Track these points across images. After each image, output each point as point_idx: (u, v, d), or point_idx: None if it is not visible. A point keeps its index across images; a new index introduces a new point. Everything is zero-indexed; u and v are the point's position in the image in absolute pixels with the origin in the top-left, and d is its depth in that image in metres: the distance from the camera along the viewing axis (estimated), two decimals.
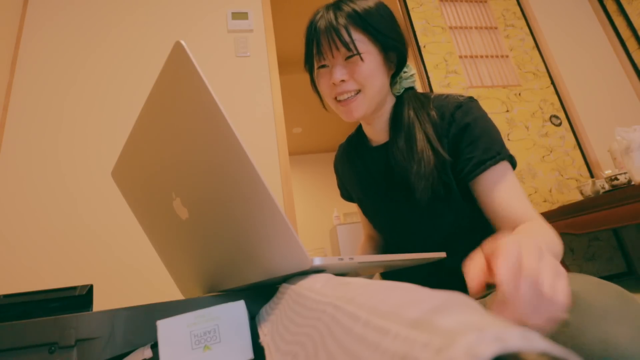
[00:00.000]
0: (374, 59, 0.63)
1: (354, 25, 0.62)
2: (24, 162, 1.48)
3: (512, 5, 2.46)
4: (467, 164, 0.60)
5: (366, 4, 0.64)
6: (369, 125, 0.73)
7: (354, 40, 0.61)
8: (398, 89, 0.71)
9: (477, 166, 0.59)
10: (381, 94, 0.67)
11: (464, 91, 2.14)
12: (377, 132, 0.73)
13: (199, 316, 0.30)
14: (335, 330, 0.17)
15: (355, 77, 0.63)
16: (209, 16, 1.83)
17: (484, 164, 0.59)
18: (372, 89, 0.64)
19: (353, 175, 0.81)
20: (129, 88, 1.65)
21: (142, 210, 0.53)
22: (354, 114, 0.65)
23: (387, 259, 0.42)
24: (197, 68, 0.31)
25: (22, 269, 1.33)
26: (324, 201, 5.16)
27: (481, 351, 0.08)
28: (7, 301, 0.42)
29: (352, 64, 0.62)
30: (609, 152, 1.83)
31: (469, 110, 0.62)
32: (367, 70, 0.62)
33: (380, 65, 0.64)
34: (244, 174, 0.32)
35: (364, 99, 0.64)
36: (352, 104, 0.64)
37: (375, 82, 0.64)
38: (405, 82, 0.70)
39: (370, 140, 0.76)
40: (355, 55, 0.61)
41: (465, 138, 0.60)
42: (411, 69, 0.71)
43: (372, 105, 0.66)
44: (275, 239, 0.33)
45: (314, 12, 0.67)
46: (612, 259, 2.01)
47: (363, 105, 0.64)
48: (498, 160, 0.59)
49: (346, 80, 0.63)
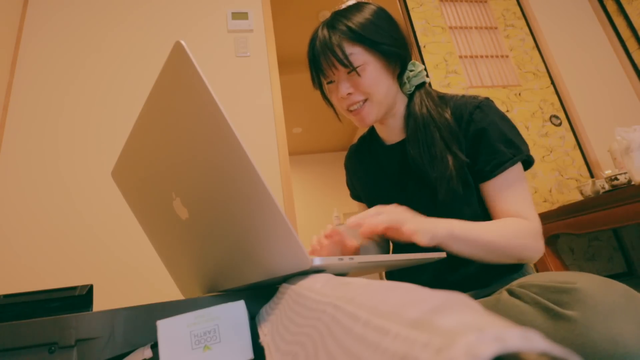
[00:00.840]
0: (374, 68, 0.65)
1: (349, 40, 0.64)
2: (24, 162, 1.48)
3: (512, 5, 2.46)
4: (486, 166, 0.63)
5: (360, 16, 0.65)
6: (383, 125, 0.75)
7: (348, 56, 0.63)
8: (409, 88, 0.71)
9: (495, 167, 0.62)
10: (389, 97, 0.68)
11: (463, 91, 2.14)
12: (391, 132, 0.75)
13: (199, 316, 0.30)
14: (335, 330, 0.17)
15: (360, 89, 0.66)
16: (209, 16, 1.83)
17: (502, 165, 0.62)
18: (378, 96, 0.66)
19: (365, 175, 0.82)
20: (129, 88, 1.65)
21: (142, 210, 0.53)
22: (366, 120, 0.68)
23: (387, 259, 0.42)
24: (197, 68, 0.31)
25: (22, 269, 1.33)
26: (324, 201, 5.16)
27: (481, 351, 0.08)
28: (7, 301, 0.42)
29: (354, 77, 0.65)
30: (609, 152, 1.83)
31: (488, 111, 0.64)
32: (369, 80, 0.65)
33: (383, 71, 0.66)
34: (244, 174, 0.32)
35: (372, 106, 0.67)
36: (363, 112, 0.67)
37: (380, 89, 0.66)
38: (414, 80, 0.71)
39: (384, 140, 0.78)
40: (357, 67, 0.64)
41: (484, 140, 0.63)
42: (418, 66, 0.71)
43: (382, 110, 0.69)
44: (275, 239, 0.33)
45: (313, 31, 0.69)
46: (612, 259, 2.01)
47: (373, 112, 0.67)
48: (514, 162, 0.62)
49: (352, 93, 0.66)
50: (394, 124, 0.74)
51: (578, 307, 0.37)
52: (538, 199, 1.99)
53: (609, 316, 0.36)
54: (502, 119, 0.65)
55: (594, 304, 0.37)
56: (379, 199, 0.79)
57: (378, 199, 0.79)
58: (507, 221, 0.60)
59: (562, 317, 0.38)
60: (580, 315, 0.37)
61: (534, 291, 0.43)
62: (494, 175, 0.62)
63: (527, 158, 0.64)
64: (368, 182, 0.81)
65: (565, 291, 0.40)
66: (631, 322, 0.35)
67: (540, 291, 0.42)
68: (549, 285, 0.42)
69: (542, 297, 0.42)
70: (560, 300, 0.40)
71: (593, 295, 0.38)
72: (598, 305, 0.37)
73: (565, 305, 0.39)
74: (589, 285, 0.39)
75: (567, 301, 0.39)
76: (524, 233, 0.58)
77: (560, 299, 0.40)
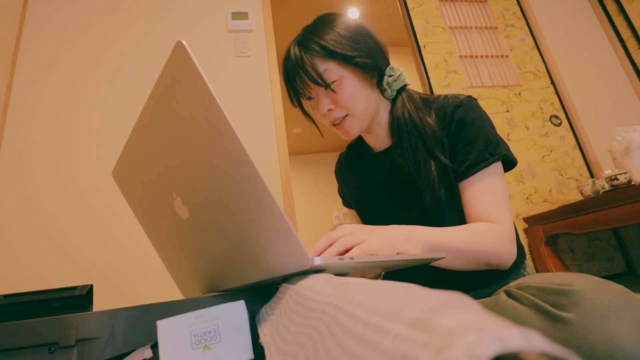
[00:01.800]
0: (350, 81, 0.64)
1: (321, 57, 0.63)
2: (24, 162, 1.48)
3: (512, 5, 2.46)
4: (462, 165, 0.62)
5: (332, 32, 0.64)
6: (370, 134, 0.75)
7: (322, 73, 0.62)
8: (390, 93, 0.70)
9: (470, 167, 0.61)
10: (369, 108, 0.67)
11: (463, 91, 2.13)
12: (378, 139, 0.74)
13: (199, 316, 0.30)
14: (335, 330, 0.17)
15: (339, 104, 0.65)
16: (209, 16, 1.83)
17: (477, 165, 0.60)
18: (359, 109, 0.66)
19: (355, 182, 0.81)
20: (129, 88, 1.65)
21: (142, 210, 0.53)
22: (350, 134, 0.68)
23: (387, 259, 0.42)
24: (199, 68, 0.31)
25: (22, 269, 1.33)
26: (324, 201, 5.15)
27: (481, 351, 0.08)
28: (7, 301, 0.42)
29: (331, 93, 0.64)
30: (609, 152, 1.83)
31: (468, 110, 0.64)
32: (347, 95, 0.64)
33: (360, 83, 0.65)
34: (245, 174, 0.32)
35: (353, 120, 0.67)
36: (345, 126, 0.67)
37: (359, 103, 0.65)
38: (395, 85, 0.69)
39: (372, 147, 0.77)
40: (332, 83, 0.63)
41: (462, 138, 0.62)
42: (397, 70, 0.69)
43: (365, 121, 0.68)
44: (275, 239, 0.33)
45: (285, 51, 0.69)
46: (612, 259, 2.01)
47: (356, 125, 0.67)
48: (490, 163, 0.61)
49: (333, 109, 0.66)
50: (380, 131, 0.73)
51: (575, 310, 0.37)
52: (538, 199, 1.99)
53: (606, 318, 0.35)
54: (481, 118, 0.64)
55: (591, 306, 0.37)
56: (369, 206, 0.79)
57: (369, 206, 0.79)
58: (476, 226, 0.57)
59: (560, 319, 0.38)
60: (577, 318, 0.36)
61: (531, 293, 0.43)
62: (467, 175, 0.61)
63: (505, 158, 0.62)
64: (358, 190, 0.81)
65: (562, 293, 0.39)
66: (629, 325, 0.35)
67: (538, 293, 0.42)
68: (546, 287, 0.42)
69: (540, 299, 0.41)
70: (557, 302, 0.39)
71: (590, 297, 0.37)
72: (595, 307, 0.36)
73: (562, 307, 0.38)
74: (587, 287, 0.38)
75: (565, 303, 0.38)
76: (493, 238, 0.55)
77: (557, 300, 0.39)
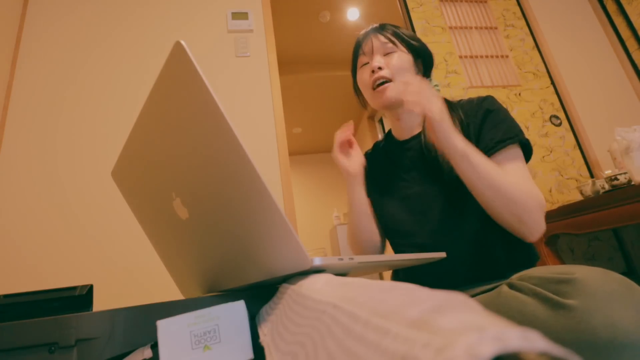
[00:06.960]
0: (405, 58, 0.78)
1: (393, 36, 0.80)
2: (24, 162, 1.48)
3: (512, 5, 2.46)
4: (489, 143, 0.67)
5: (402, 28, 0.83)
6: (399, 120, 0.82)
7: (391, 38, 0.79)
8: None
9: (498, 143, 0.66)
10: None
11: (463, 91, 2.13)
12: (406, 127, 0.82)
13: (199, 316, 0.30)
14: (335, 331, 0.17)
15: (390, 67, 0.77)
16: (209, 16, 1.83)
17: (504, 142, 0.66)
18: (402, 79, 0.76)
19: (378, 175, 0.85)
20: (128, 88, 1.65)
21: (142, 210, 0.53)
22: (387, 94, 0.76)
23: (387, 259, 0.42)
24: (197, 68, 0.31)
25: (22, 269, 1.33)
26: (324, 201, 5.15)
27: (481, 351, 0.08)
28: (7, 301, 0.42)
29: (388, 57, 0.78)
30: (609, 152, 1.83)
31: (493, 102, 0.73)
32: (399, 63, 0.77)
33: (410, 65, 0.79)
34: (244, 174, 0.32)
35: (394, 86, 0.77)
36: (385, 89, 0.77)
37: (403, 74, 0.77)
38: None
39: (398, 137, 0.85)
40: (391, 53, 0.78)
41: (489, 121, 0.70)
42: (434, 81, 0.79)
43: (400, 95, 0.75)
44: (275, 239, 0.33)
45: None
46: (612, 259, 2.01)
47: (393, 91, 0.76)
48: (516, 141, 0.66)
49: (382, 68, 0.77)
50: (409, 119, 0.81)
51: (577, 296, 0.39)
52: None
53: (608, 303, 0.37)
54: (505, 109, 0.72)
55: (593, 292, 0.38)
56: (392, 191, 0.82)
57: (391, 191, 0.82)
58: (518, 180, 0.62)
59: (563, 306, 0.39)
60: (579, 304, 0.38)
61: (533, 283, 0.45)
62: (497, 149, 0.66)
63: (526, 142, 0.68)
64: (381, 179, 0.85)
65: (564, 281, 0.41)
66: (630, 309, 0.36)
67: (540, 282, 0.44)
68: (548, 277, 0.43)
69: (542, 288, 0.43)
70: (559, 290, 0.41)
71: (592, 284, 0.39)
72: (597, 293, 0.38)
73: (564, 294, 0.40)
74: (588, 275, 0.40)
75: (567, 291, 0.40)
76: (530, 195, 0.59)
77: (559, 289, 0.41)
